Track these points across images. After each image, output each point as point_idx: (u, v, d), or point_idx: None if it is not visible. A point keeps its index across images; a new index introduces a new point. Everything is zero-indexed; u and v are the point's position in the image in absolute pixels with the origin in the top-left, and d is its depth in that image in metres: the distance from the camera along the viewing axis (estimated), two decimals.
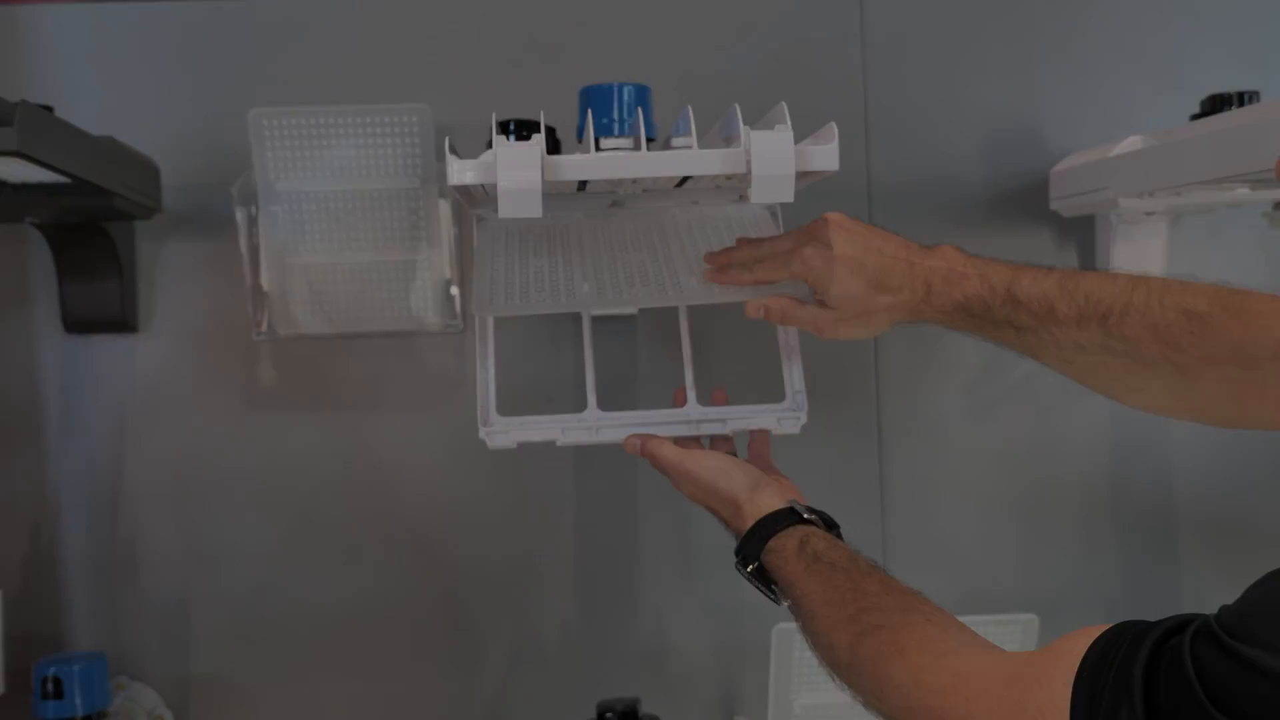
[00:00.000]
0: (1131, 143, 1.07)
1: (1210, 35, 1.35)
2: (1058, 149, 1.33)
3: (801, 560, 0.84)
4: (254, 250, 1.25)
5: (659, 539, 1.32)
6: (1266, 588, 0.56)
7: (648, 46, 1.32)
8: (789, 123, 0.84)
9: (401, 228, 1.24)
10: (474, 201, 1.05)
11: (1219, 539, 1.36)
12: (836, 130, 0.87)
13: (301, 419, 1.29)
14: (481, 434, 0.98)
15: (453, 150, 0.85)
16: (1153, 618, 1.34)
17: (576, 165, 0.84)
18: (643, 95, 1.08)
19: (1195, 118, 1.16)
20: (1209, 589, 1.35)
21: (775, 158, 0.83)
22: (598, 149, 0.88)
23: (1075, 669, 0.60)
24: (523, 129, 1.12)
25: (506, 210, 0.82)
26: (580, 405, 1.00)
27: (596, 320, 1.26)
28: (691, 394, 1.00)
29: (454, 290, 1.27)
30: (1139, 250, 1.27)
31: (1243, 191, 1.03)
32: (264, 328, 1.27)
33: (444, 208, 1.25)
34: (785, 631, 1.20)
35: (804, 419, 1.00)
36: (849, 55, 1.33)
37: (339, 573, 1.29)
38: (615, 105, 1.08)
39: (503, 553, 1.31)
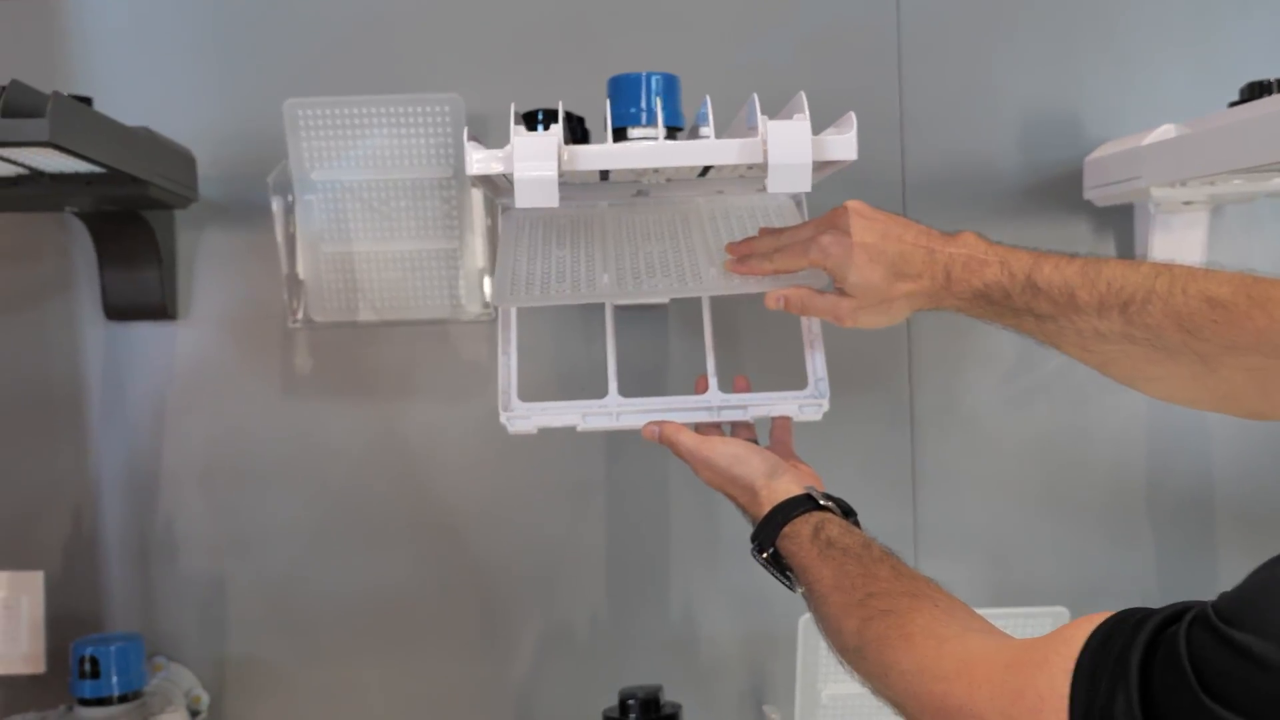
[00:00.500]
0: (1165, 131, 1.05)
1: (1251, 22, 1.33)
2: (1096, 138, 1.31)
3: (815, 546, 0.84)
4: (290, 239, 1.27)
5: (689, 527, 1.32)
6: (1265, 574, 0.55)
7: (680, 34, 1.32)
8: (807, 112, 0.84)
9: (434, 217, 1.25)
10: (498, 191, 1.06)
11: (1257, 532, 1.34)
12: (855, 120, 0.86)
13: (335, 406, 1.31)
14: (502, 419, 0.99)
15: (473, 139, 0.86)
16: None
17: (593, 156, 0.85)
18: (670, 84, 1.08)
19: (1234, 105, 1.14)
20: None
21: (792, 147, 0.83)
22: (624, 138, 0.88)
23: (1076, 656, 0.59)
24: (547, 117, 1.12)
25: (524, 200, 0.83)
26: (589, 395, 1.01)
27: (629, 310, 1.26)
28: (713, 380, 1.00)
29: (487, 279, 1.28)
30: (1177, 241, 1.26)
31: (1279, 181, 1.01)
32: (299, 315, 1.28)
33: (476, 197, 1.26)
34: (812, 623, 1.20)
35: (826, 406, 1.00)
36: (884, 43, 1.32)
37: (372, 557, 1.31)
38: (643, 95, 1.07)
39: (533, 539, 1.32)
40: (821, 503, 0.88)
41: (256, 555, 1.31)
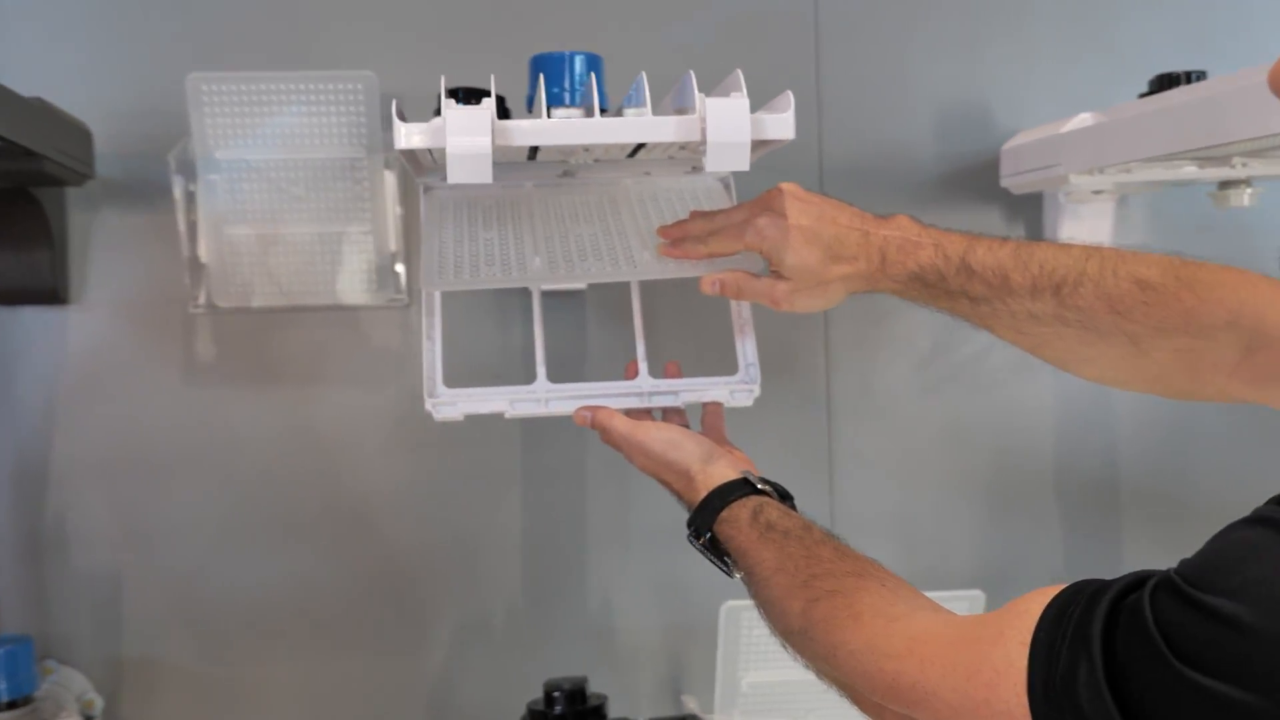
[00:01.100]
0: (1082, 119, 1.07)
1: (1156, 14, 1.36)
2: (1006, 127, 1.33)
3: (754, 529, 0.83)
4: (191, 220, 1.22)
5: (607, 516, 1.30)
6: (1226, 539, 0.56)
7: (599, 17, 1.30)
8: (744, 90, 0.83)
9: (345, 199, 1.21)
10: (421, 169, 1.03)
11: (1160, 514, 1.37)
12: (792, 99, 0.86)
13: (241, 394, 1.26)
14: (428, 406, 0.96)
15: (400, 114, 0.83)
16: None
17: (527, 131, 0.82)
18: (594, 64, 1.06)
19: (1144, 97, 1.16)
20: (1151, 563, 1.36)
21: (731, 125, 0.81)
22: (549, 118, 0.86)
23: (1032, 629, 0.59)
24: (471, 96, 1.09)
25: (456, 175, 0.80)
26: (529, 380, 0.98)
27: (545, 296, 1.24)
28: (643, 366, 0.98)
29: (399, 264, 1.24)
30: (1086, 229, 1.28)
31: (1190, 169, 1.04)
32: (202, 300, 1.23)
33: (389, 179, 1.23)
34: (734, 610, 1.19)
35: (757, 391, 0.99)
36: (802, 29, 1.32)
37: (280, 551, 1.26)
38: (566, 74, 1.05)
39: (449, 530, 1.28)
40: (759, 487, 0.87)
41: (156, 551, 1.25)
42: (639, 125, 0.83)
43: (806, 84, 1.32)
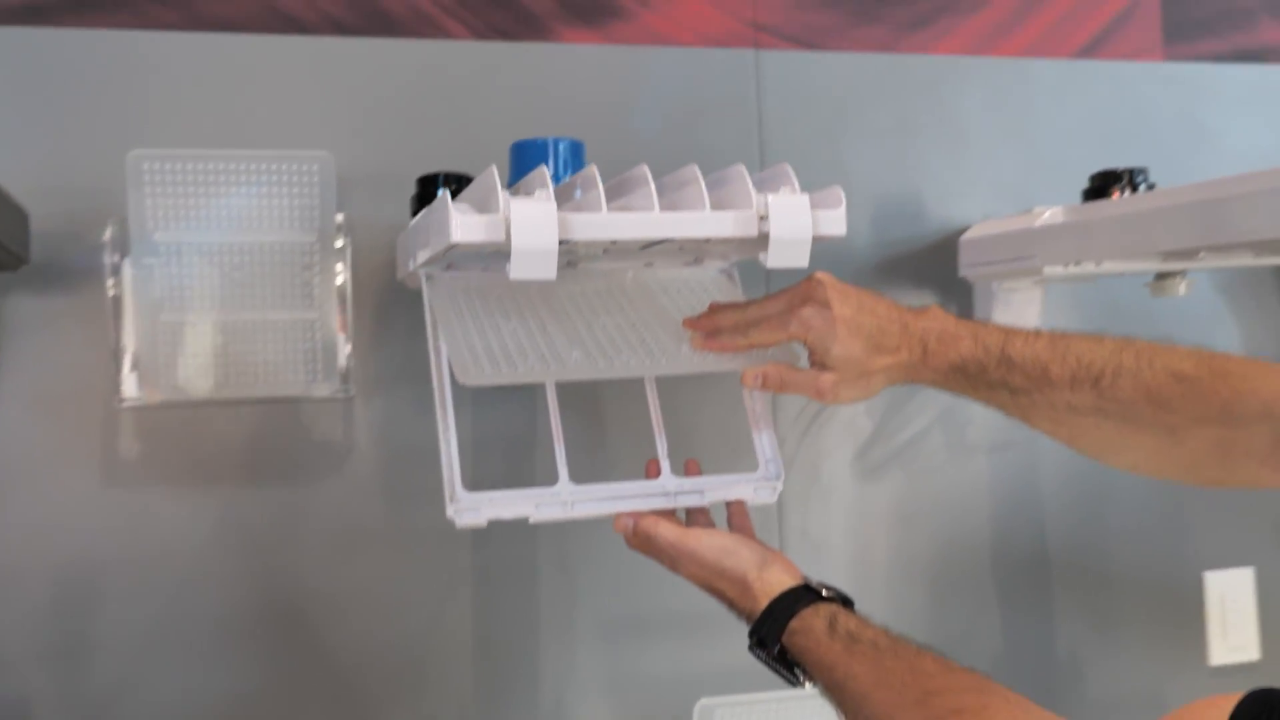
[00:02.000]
0: (1053, 214, 1.11)
1: (1070, 115, 1.43)
2: (939, 216, 1.37)
3: (836, 641, 0.81)
4: (121, 307, 1.13)
5: (560, 612, 1.25)
6: None
7: (546, 101, 1.28)
8: (796, 184, 0.82)
9: (293, 285, 1.14)
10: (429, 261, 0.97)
11: (1087, 588, 1.42)
12: (843, 194, 0.85)
13: (168, 494, 1.16)
14: (450, 512, 0.91)
15: (455, 202, 0.78)
16: (1034, 669, 1.38)
17: (590, 224, 0.79)
18: (577, 151, 1.05)
19: (1088, 192, 1.22)
20: (1081, 640, 1.40)
21: (794, 222, 0.81)
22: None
23: None
24: (451, 181, 1.06)
25: (519, 272, 0.76)
26: (539, 476, 0.94)
27: (523, 389, 1.20)
28: (665, 464, 0.96)
29: (346, 353, 1.18)
30: (1015, 314, 1.32)
31: (1153, 262, 1.08)
32: (129, 393, 1.14)
33: (337, 265, 1.17)
34: (708, 708, 1.17)
35: (780, 487, 0.98)
36: (746, 116, 1.33)
37: (213, 663, 1.16)
38: (551, 161, 1.04)
39: (395, 633, 1.21)
40: (824, 594, 0.85)
41: (74, 670, 1.13)
42: (699, 220, 0.81)
43: (751, 170, 1.32)
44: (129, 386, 1.13)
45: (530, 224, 0.75)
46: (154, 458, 1.16)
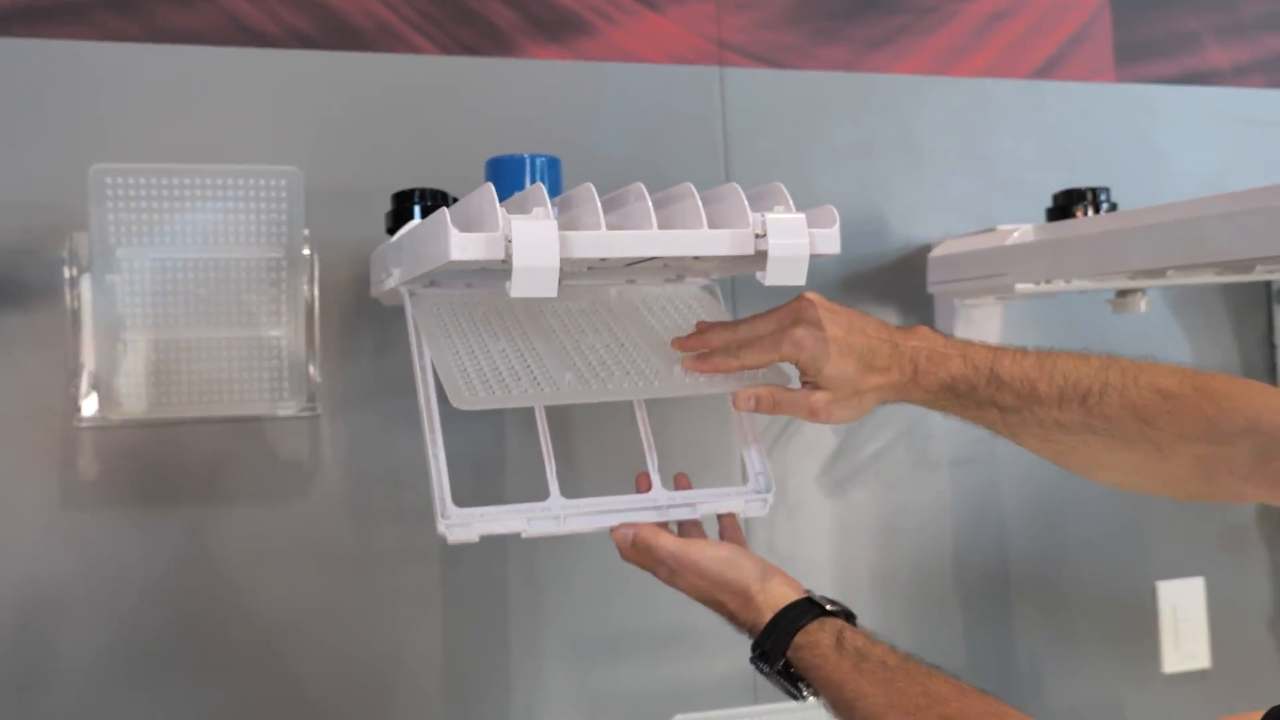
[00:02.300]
0: (1024, 232, 1.12)
1: (1023, 135, 1.45)
2: (899, 233, 1.38)
3: (844, 658, 0.80)
4: (80, 324, 1.10)
5: (531, 631, 1.24)
6: None
7: (512, 117, 1.27)
8: (791, 204, 0.83)
9: (259, 302, 1.12)
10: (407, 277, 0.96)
11: (1044, 602, 1.44)
12: (836, 214, 0.86)
13: (129, 516, 1.13)
14: (441, 528, 0.89)
15: (454, 222, 0.77)
16: (995, 679, 1.40)
17: (589, 242, 0.78)
18: (554, 167, 1.04)
19: (1052, 211, 1.24)
20: (1040, 650, 1.42)
21: (792, 240, 0.81)
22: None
23: None
24: (428, 198, 1.05)
25: (521, 290, 0.75)
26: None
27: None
28: (656, 478, 0.95)
29: (313, 371, 1.16)
30: (978, 329, 1.34)
31: (1122, 280, 1.11)
32: (88, 412, 1.11)
33: (303, 281, 1.15)
34: None
35: (770, 500, 0.98)
36: (711, 132, 1.33)
37: (175, 691, 1.13)
38: (528, 177, 1.03)
39: (363, 655, 1.19)
40: (829, 609, 0.85)
41: (31, 700, 1.10)
42: (697, 239, 0.81)
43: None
44: (88, 405, 1.10)
45: (532, 242, 0.74)
46: (114, 479, 1.13)
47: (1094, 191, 1.20)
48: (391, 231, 1.06)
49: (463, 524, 0.89)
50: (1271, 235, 0.89)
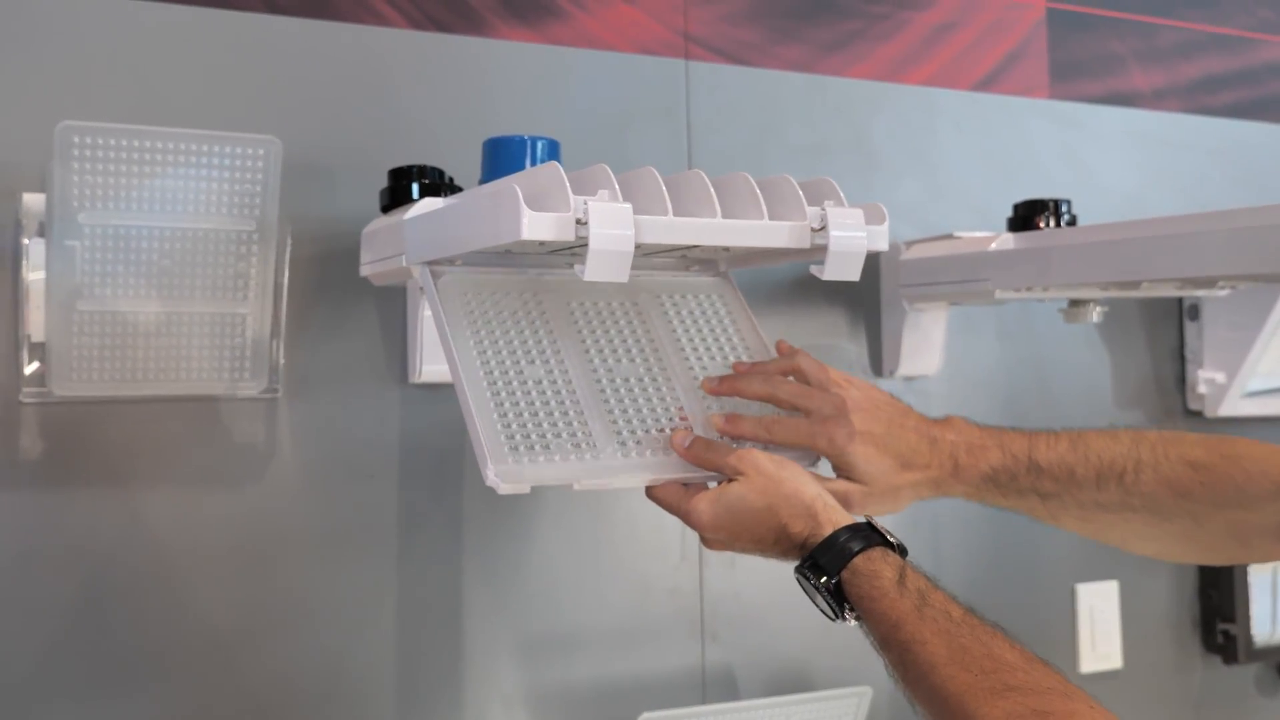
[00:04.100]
0: (1004, 240, 1.15)
1: (966, 146, 1.49)
2: None
3: (905, 598, 0.78)
4: (27, 292, 1.02)
5: (488, 627, 1.21)
6: None
7: (478, 96, 1.24)
8: (843, 198, 0.83)
9: (225, 276, 1.06)
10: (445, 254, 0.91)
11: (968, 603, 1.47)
12: (885, 211, 0.86)
13: (73, 497, 1.06)
14: (490, 478, 0.84)
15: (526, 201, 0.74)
16: None
17: (660, 228, 0.76)
18: (554, 150, 1.02)
19: (1012, 221, 1.27)
20: None
21: (852, 234, 0.81)
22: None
23: None
24: (425, 176, 1.01)
25: (595, 274, 0.73)
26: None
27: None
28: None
29: (277, 350, 1.10)
30: (924, 333, 1.37)
31: (1094, 290, 1.14)
32: (33, 387, 1.03)
33: (269, 256, 1.09)
34: None
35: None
36: (675, 124, 1.33)
37: (115, 683, 1.06)
38: (528, 160, 1.01)
39: (315, 648, 1.14)
40: (889, 538, 0.83)
41: None
42: (757, 229, 0.80)
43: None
44: (34, 379, 1.03)
45: (610, 224, 0.72)
46: (58, 458, 1.06)
47: (1056, 203, 1.23)
48: (387, 209, 1.02)
49: (514, 475, 0.84)
50: (1256, 254, 0.93)
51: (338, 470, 1.16)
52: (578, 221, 0.72)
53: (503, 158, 1.00)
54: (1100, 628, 1.52)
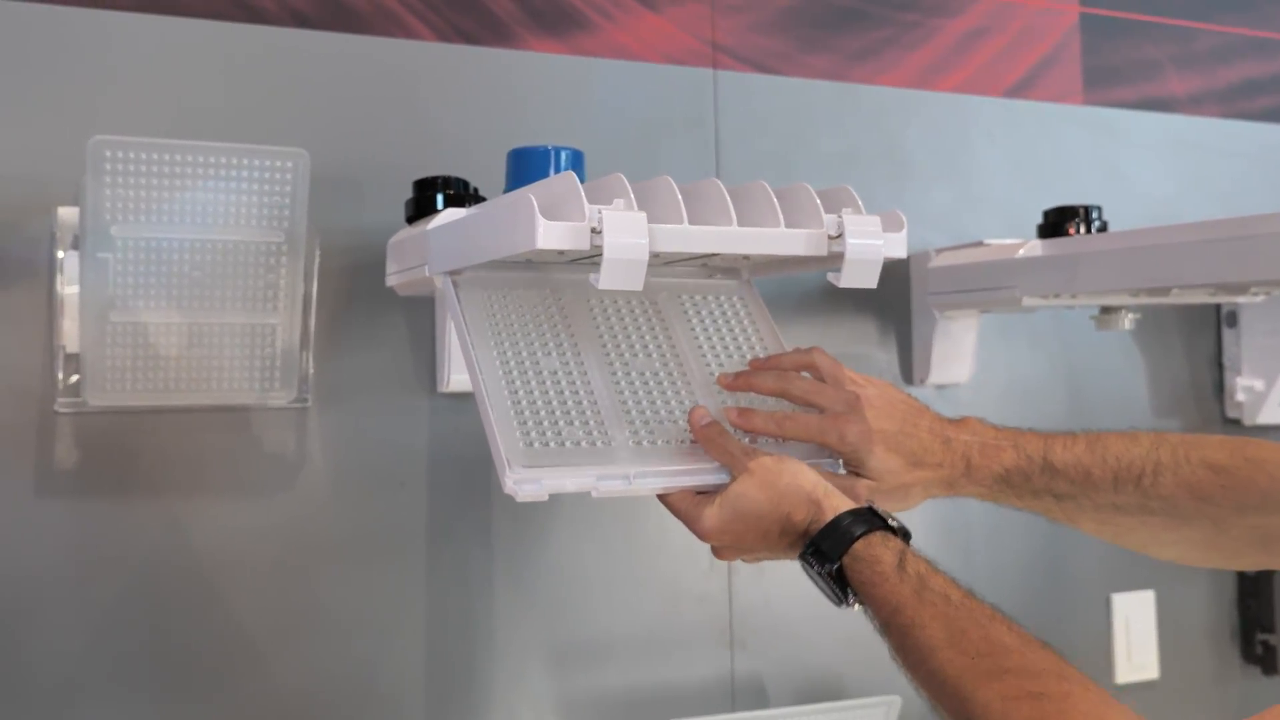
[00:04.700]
0: (1031, 247, 1.14)
1: (997, 152, 1.48)
2: None
3: (905, 582, 0.78)
4: (62, 304, 1.04)
5: (518, 633, 1.22)
6: None
7: (507, 107, 1.25)
8: (861, 206, 0.83)
9: (256, 287, 1.08)
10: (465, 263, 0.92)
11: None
12: (904, 218, 0.86)
13: (108, 506, 1.08)
14: (509, 485, 0.84)
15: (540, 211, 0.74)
16: None
17: (671, 236, 0.77)
18: (578, 160, 1.03)
19: (1043, 228, 1.26)
20: None
21: (869, 242, 0.81)
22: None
23: None
24: (450, 187, 1.02)
25: (610, 282, 0.74)
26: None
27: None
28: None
29: (307, 360, 1.12)
30: (955, 341, 1.37)
31: (1125, 297, 1.13)
32: (69, 397, 1.05)
33: (297, 268, 1.10)
34: None
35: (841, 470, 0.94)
36: (704, 134, 1.33)
37: (148, 695, 1.08)
38: (552, 169, 1.01)
39: (345, 654, 1.15)
40: (890, 523, 0.83)
41: None
42: (773, 237, 0.80)
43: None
44: (69, 390, 1.05)
45: (624, 233, 0.73)
46: (93, 467, 1.08)
47: (1086, 209, 1.22)
48: (412, 220, 1.03)
49: (532, 481, 0.84)
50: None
51: (368, 479, 1.17)
52: (593, 230, 0.73)
53: (526, 168, 1.01)
54: (1136, 638, 1.50)
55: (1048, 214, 1.26)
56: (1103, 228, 1.22)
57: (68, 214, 1.04)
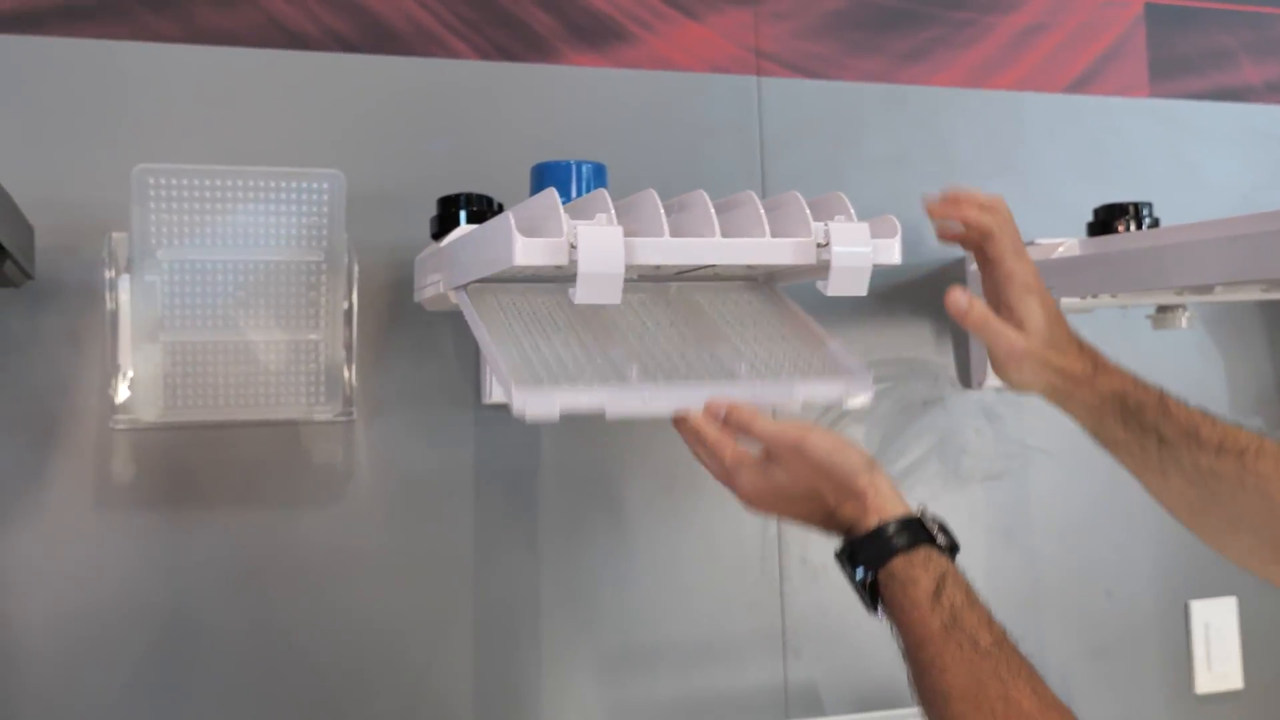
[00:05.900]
0: (1070, 246, 1.12)
1: (1055, 148, 1.45)
2: (935, 247, 1.36)
3: (936, 614, 0.76)
4: (118, 325, 1.09)
5: (565, 643, 1.23)
6: None
7: (549, 123, 1.27)
8: (853, 214, 0.82)
9: (298, 305, 1.11)
10: (463, 281, 0.94)
11: (1075, 618, 1.42)
12: (898, 224, 0.85)
13: (164, 519, 1.12)
14: (517, 405, 0.81)
15: (516, 226, 0.76)
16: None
17: (650, 248, 0.77)
18: (600, 173, 1.04)
19: (1093, 225, 1.23)
20: (1071, 668, 1.41)
21: (855, 249, 0.80)
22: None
23: None
24: (474, 203, 1.04)
25: (585, 296, 0.74)
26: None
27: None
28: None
29: (349, 376, 1.15)
30: None
31: (1168, 296, 1.10)
32: (125, 414, 1.10)
33: (339, 285, 1.14)
34: None
35: (872, 390, 0.92)
36: (748, 141, 1.33)
37: (206, 704, 1.12)
38: (574, 184, 1.02)
39: (395, 664, 1.18)
40: (936, 538, 0.80)
41: (58, 699, 1.09)
42: (758, 247, 0.80)
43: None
44: (125, 407, 1.10)
45: (598, 248, 0.73)
46: (149, 481, 1.12)
47: (1135, 206, 1.19)
48: (437, 236, 1.05)
49: (543, 400, 0.82)
50: None
51: (415, 490, 1.19)
52: (570, 246, 0.74)
53: (549, 182, 1.02)
54: (1217, 646, 1.45)
55: (1097, 211, 1.22)
56: (1155, 223, 1.19)
57: (120, 238, 1.09)
